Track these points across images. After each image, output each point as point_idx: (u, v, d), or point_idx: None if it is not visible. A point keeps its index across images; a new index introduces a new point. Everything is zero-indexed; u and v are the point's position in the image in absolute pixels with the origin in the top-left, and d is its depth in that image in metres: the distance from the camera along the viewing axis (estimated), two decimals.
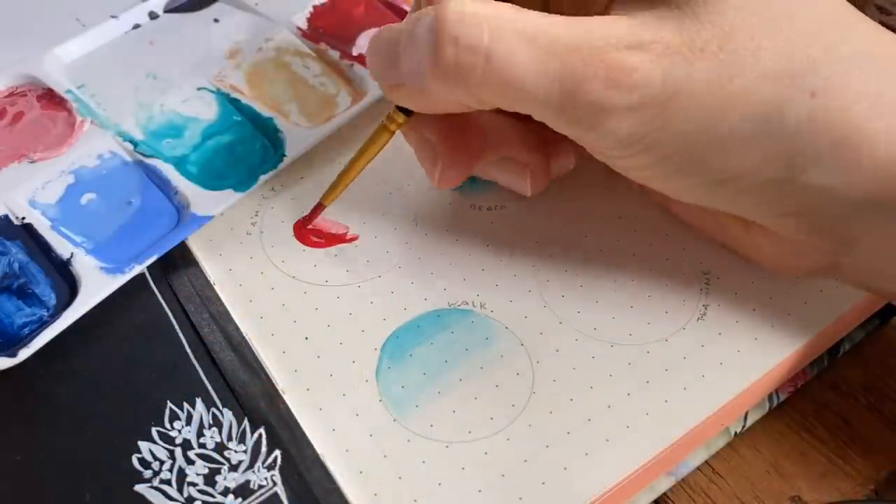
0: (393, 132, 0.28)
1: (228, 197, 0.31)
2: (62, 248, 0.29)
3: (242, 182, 0.31)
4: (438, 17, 0.22)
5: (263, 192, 0.32)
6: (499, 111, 0.28)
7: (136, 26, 0.38)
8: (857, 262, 0.25)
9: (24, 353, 0.26)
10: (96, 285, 0.28)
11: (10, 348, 0.26)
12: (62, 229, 0.30)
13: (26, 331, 0.27)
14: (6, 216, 0.30)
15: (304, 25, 0.38)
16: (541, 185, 0.29)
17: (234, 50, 0.37)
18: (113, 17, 0.38)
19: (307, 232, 0.31)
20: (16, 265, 0.29)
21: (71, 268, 0.29)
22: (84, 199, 0.31)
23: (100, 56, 0.37)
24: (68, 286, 0.28)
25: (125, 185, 0.32)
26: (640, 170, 0.24)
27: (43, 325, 0.27)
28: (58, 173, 0.32)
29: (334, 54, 0.37)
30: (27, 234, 0.30)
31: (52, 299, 0.28)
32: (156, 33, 0.38)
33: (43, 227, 0.30)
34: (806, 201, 0.23)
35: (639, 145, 0.23)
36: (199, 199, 0.31)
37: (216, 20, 0.38)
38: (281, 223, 0.31)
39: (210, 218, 0.30)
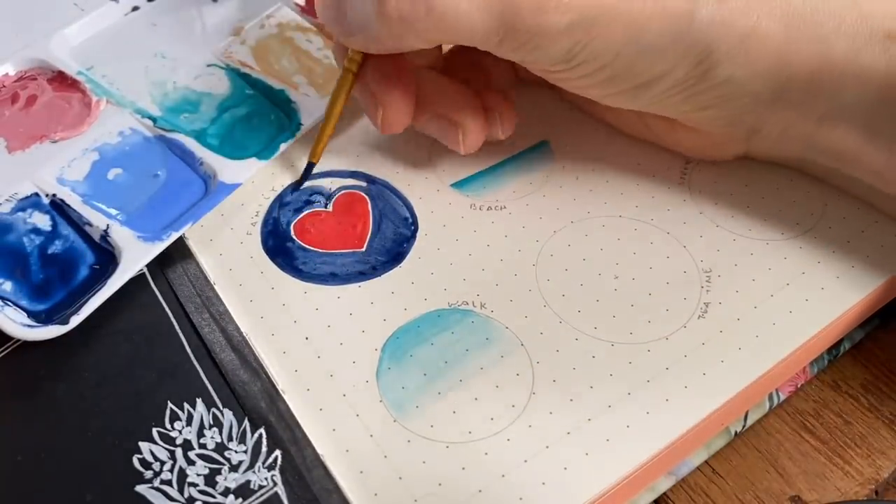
0: (356, 72, 0.29)
1: (252, 165, 0.31)
2: (97, 220, 0.30)
3: (263, 151, 0.32)
4: None
5: (264, 192, 0.32)
6: (437, 70, 0.31)
7: (136, 8, 0.38)
8: (764, 147, 0.30)
9: (75, 320, 0.27)
10: (136, 253, 0.29)
11: (60, 315, 0.27)
12: (94, 203, 0.31)
13: (74, 298, 0.28)
14: (35, 194, 0.31)
15: (301, 1, 0.38)
16: (473, 145, 0.31)
17: (238, 27, 0.37)
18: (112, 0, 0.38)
19: (307, 231, 0.31)
20: (61, 237, 0.30)
21: (109, 238, 0.29)
22: (111, 175, 0.32)
23: (104, 38, 0.37)
24: (106, 257, 0.29)
25: (149, 159, 0.32)
26: (576, 80, 0.27)
27: (89, 293, 0.28)
28: (82, 151, 0.32)
29: None
30: (60, 210, 0.31)
31: (95, 268, 0.29)
32: (156, 15, 0.38)
33: (75, 202, 0.30)
34: (719, 94, 0.27)
35: (574, 61, 0.26)
36: (225, 168, 0.31)
37: (214, 0, 0.39)
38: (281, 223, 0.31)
39: (239, 185, 0.31)
